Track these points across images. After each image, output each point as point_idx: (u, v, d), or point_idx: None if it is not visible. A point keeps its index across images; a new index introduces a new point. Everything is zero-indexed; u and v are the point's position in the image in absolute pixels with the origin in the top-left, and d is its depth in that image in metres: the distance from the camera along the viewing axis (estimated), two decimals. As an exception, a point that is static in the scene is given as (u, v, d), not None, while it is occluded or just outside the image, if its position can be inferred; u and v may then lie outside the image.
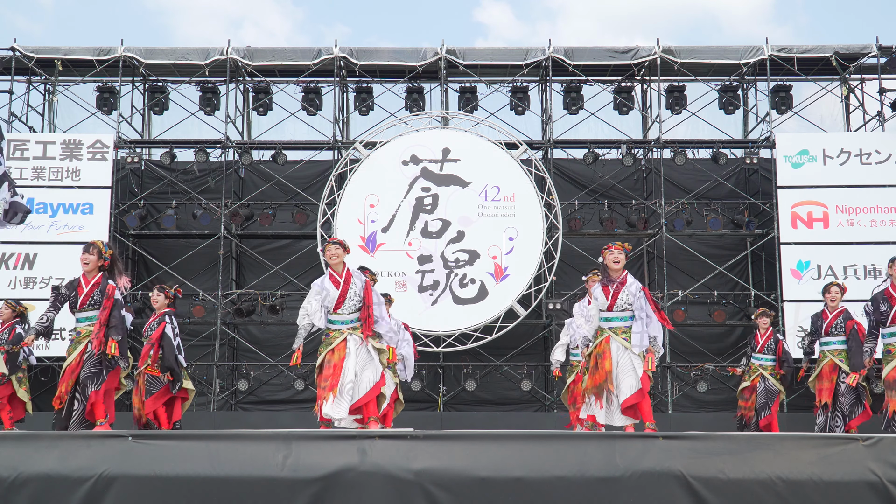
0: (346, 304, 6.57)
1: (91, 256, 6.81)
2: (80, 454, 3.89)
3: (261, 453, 3.97)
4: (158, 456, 3.92)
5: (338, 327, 6.57)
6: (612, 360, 6.65)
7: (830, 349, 8.56)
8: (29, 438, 4.06)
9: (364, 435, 4.09)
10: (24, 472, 3.78)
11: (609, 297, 6.71)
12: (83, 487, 3.78)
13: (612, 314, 6.74)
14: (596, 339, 6.83)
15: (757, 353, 9.47)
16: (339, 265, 6.67)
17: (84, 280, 6.82)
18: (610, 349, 6.69)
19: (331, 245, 6.75)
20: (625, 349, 6.65)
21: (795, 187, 13.41)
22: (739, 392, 9.68)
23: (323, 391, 6.38)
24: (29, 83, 14.61)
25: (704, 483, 3.93)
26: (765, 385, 9.34)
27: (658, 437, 4.12)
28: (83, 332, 6.72)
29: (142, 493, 3.81)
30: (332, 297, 6.55)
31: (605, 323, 6.76)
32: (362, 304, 6.62)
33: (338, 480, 3.89)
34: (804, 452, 4.09)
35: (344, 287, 6.57)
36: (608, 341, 6.72)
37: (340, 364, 6.43)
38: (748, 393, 9.47)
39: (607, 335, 6.72)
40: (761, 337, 9.48)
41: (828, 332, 8.57)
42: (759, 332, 9.51)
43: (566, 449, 4.10)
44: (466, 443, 4.13)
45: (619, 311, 6.69)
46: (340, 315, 6.58)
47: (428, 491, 3.89)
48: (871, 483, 3.96)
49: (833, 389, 8.43)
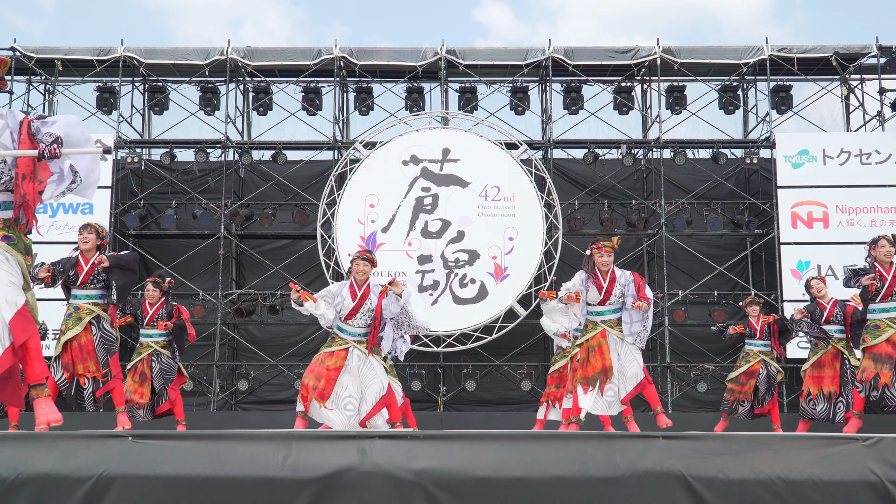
0: (358, 318, 6.45)
1: (90, 235, 6.89)
2: (80, 454, 3.89)
3: (261, 453, 3.97)
4: (158, 456, 3.92)
5: (344, 336, 6.48)
6: (611, 356, 6.76)
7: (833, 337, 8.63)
8: (29, 438, 4.06)
9: (364, 435, 4.09)
10: (24, 472, 3.78)
11: (602, 293, 6.85)
12: (83, 487, 3.77)
13: (604, 307, 6.90)
14: (588, 332, 6.92)
15: (756, 340, 9.44)
16: (363, 281, 6.52)
17: (83, 258, 6.88)
18: (607, 343, 6.79)
19: (359, 260, 6.55)
20: (622, 341, 6.79)
21: (795, 187, 13.42)
22: (735, 377, 9.47)
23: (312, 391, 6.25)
24: (29, 83, 14.62)
25: (704, 483, 3.93)
26: (767, 371, 9.33)
27: (658, 437, 4.12)
28: (83, 308, 6.79)
29: (142, 493, 3.81)
30: (345, 307, 6.46)
31: (597, 317, 6.88)
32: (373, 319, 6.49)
33: (338, 480, 3.89)
34: (804, 452, 4.09)
35: (360, 301, 6.45)
36: (604, 336, 6.82)
37: (335, 373, 6.33)
38: (745, 377, 9.41)
39: (602, 329, 6.84)
40: (756, 324, 9.48)
41: (829, 320, 8.61)
42: (751, 319, 9.50)
43: (566, 449, 4.10)
44: (466, 443, 4.13)
45: (611, 304, 6.86)
46: (350, 326, 6.49)
47: (428, 491, 3.89)
48: (871, 483, 3.96)
49: (837, 377, 8.48)
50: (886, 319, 7.00)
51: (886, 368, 6.90)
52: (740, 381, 9.40)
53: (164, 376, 8.37)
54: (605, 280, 6.88)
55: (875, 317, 7.08)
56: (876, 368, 6.93)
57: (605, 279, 6.88)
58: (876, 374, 6.92)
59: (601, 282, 6.86)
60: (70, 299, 6.89)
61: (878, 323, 7.03)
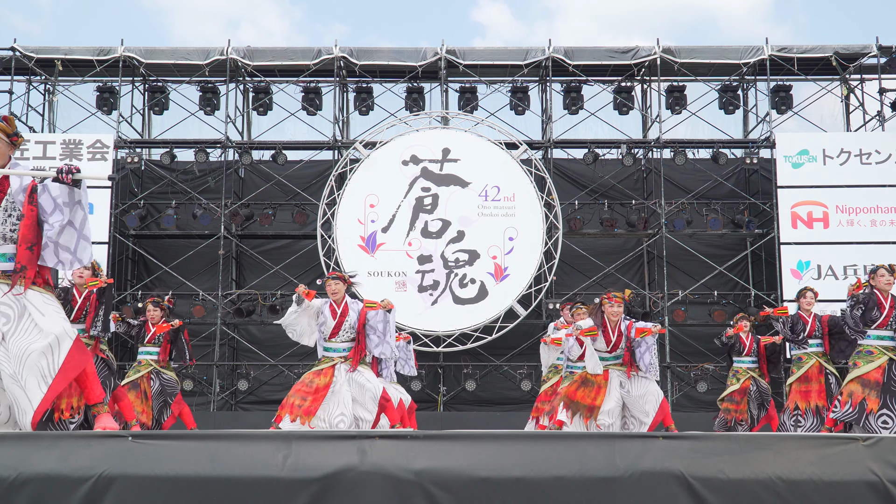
0: (341, 335, 6.62)
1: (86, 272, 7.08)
2: (80, 454, 3.88)
3: (261, 453, 3.97)
4: (158, 456, 3.91)
5: (330, 354, 6.63)
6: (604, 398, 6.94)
7: (815, 351, 8.70)
8: (29, 438, 4.05)
9: (364, 435, 4.09)
10: (24, 472, 3.77)
11: (609, 346, 7.04)
12: (83, 487, 3.77)
13: (611, 355, 7.08)
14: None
15: (744, 357, 9.47)
16: (339, 300, 6.69)
17: (77, 291, 7.08)
18: (607, 387, 6.97)
19: (331, 281, 6.73)
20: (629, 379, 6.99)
21: (795, 187, 13.42)
22: (728, 396, 9.50)
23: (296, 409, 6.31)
24: (29, 83, 14.61)
25: (704, 483, 3.93)
26: (757, 386, 9.37)
27: (658, 437, 4.12)
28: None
29: (142, 493, 3.81)
30: (328, 326, 6.63)
31: (603, 362, 7.05)
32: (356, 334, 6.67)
33: (338, 480, 3.89)
34: (804, 452, 4.09)
35: (340, 319, 6.63)
36: (606, 377, 7.00)
37: (324, 391, 6.41)
38: (739, 396, 9.43)
39: (605, 370, 7.01)
40: (745, 339, 9.49)
41: (811, 335, 8.72)
42: (742, 336, 9.51)
43: (566, 449, 4.09)
44: (466, 443, 4.13)
45: (618, 352, 7.04)
46: (334, 343, 6.64)
47: (428, 491, 3.89)
48: (871, 483, 3.96)
49: (823, 391, 8.56)
50: (881, 347, 7.09)
51: (874, 395, 6.97)
52: (735, 399, 9.44)
53: (165, 393, 8.52)
54: (613, 333, 7.04)
55: (869, 343, 7.16)
56: (863, 394, 7.01)
57: (613, 332, 7.04)
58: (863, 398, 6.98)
59: (609, 335, 7.03)
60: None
61: (872, 349, 7.12)
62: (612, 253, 14.39)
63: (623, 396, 7.02)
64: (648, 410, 6.97)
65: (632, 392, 6.99)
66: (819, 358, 8.67)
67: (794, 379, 8.78)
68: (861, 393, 6.99)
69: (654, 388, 7.01)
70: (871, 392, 6.96)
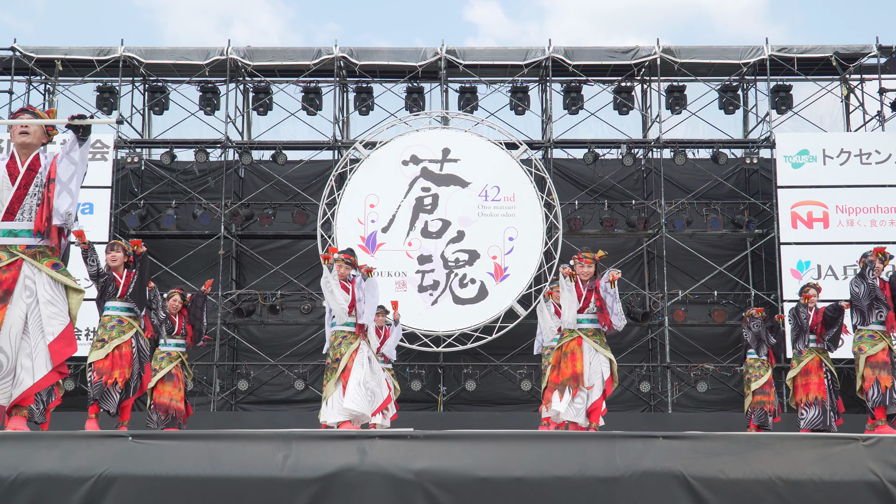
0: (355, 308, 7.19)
1: (118, 254, 7.32)
2: (80, 454, 3.88)
3: (261, 453, 3.97)
4: (158, 456, 3.91)
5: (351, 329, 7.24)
6: (583, 362, 6.94)
7: (815, 347, 9.13)
8: (29, 438, 4.05)
9: (364, 435, 4.08)
10: (24, 472, 3.77)
11: (581, 300, 7.04)
12: (83, 487, 3.77)
13: (583, 316, 7.07)
14: (564, 338, 7.12)
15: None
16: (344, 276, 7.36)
17: (117, 273, 7.33)
18: (582, 350, 6.97)
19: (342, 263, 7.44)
20: (595, 351, 6.96)
21: (795, 187, 13.42)
22: (760, 388, 10.02)
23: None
24: (29, 83, 14.62)
25: (704, 483, 3.93)
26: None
27: (658, 437, 4.12)
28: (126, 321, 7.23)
29: (142, 493, 3.81)
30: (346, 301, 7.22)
31: (576, 325, 7.07)
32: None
33: (338, 480, 3.88)
34: (804, 452, 4.09)
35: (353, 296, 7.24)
36: (579, 343, 7.00)
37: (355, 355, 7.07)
38: (769, 387, 10.00)
39: (578, 336, 7.02)
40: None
41: (812, 329, 9.09)
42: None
43: (566, 449, 4.09)
44: (466, 443, 4.12)
45: (590, 313, 7.04)
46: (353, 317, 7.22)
47: (428, 491, 3.89)
48: (871, 483, 3.96)
49: (822, 384, 9.00)
50: (881, 332, 7.55)
51: (885, 374, 7.42)
52: (765, 391, 9.90)
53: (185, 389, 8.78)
54: (584, 290, 7.11)
55: (871, 328, 7.59)
56: (874, 374, 7.45)
57: (584, 288, 7.11)
58: (875, 379, 7.43)
59: (581, 289, 7.10)
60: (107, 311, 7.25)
61: (874, 333, 7.56)
62: (612, 253, 14.36)
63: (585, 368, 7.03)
64: (595, 384, 6.95)
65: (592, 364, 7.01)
66: (819, 353, 9.09)
67: (796, 373, 9.18)
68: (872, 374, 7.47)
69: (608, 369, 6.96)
70: (881, 371, 7.45)
